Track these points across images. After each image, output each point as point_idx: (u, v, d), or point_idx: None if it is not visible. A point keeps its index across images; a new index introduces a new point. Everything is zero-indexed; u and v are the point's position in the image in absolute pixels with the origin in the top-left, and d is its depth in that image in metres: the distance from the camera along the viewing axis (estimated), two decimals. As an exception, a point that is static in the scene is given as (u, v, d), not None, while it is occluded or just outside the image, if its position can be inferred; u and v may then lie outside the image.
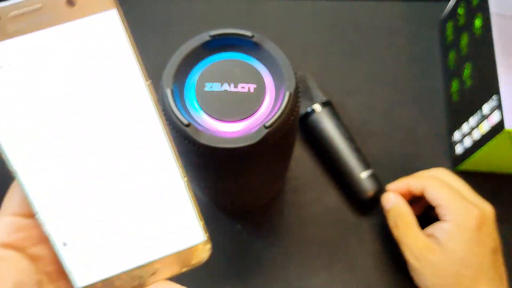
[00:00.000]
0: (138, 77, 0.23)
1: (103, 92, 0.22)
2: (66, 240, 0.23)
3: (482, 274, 0.35)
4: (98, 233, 0.23)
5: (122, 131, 0.23)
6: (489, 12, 0.41)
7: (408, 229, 0.38)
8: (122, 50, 0.22)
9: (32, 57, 0.21)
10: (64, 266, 0.23)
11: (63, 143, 0.22)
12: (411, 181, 0.40)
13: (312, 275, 0.43)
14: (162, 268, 0.24)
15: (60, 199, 0.23)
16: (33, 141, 0.22)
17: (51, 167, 0.22)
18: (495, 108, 0.39)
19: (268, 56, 0.30)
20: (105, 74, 0.22)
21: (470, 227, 0.36)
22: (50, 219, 0.23)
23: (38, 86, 0.22)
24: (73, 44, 0.21)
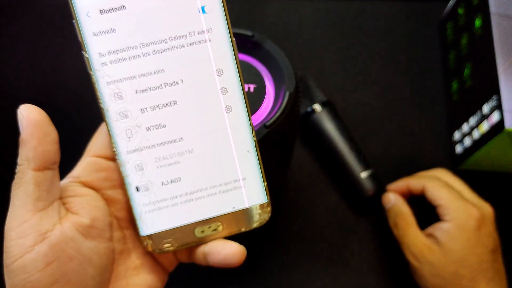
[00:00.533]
0: (224, 32, 0.24)
1: (193, 43, 0.24)
2: (139, 185, 0.24)
3: (481, 274, 0.35)
4: (169, 184, 0.25)
5: (206, 88, 0.24)
6: (489, 12, 0.41)
7: (407, 229, 0.38)
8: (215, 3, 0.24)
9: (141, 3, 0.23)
10: (133, 210, 0.25)
11: (152, 95, 0.24)
12: (411, 181, 0.41)
13: (312, 275, 0.43)
14: (224, 225, 0.25)
15: (141, 144, 0.24)
16: (128, 84, 0.24)
17: (139, 114, 0.24)
18: (495, 108, 0.39)
19: (268, 56, 0.30)
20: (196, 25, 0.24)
21: (469, 227, 0.36)
22: (128, 162, 0.24)
23: (141, 32, 0.23)
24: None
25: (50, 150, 0.22)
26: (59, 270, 0.22)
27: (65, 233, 0.23)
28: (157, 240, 0.25)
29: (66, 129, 0.23)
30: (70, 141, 0.29)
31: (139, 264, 0.26)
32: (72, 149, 0.27)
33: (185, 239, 0.25)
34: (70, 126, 0.46)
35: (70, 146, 0.27)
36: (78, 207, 0.24)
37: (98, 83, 0.23)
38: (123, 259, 0.26)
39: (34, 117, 0.22)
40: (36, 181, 0.22)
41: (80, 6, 0.23)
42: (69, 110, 0.48)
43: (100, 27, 0.23)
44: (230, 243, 0.25)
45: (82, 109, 0.48)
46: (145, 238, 0.25)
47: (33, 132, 0.22)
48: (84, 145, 0.26)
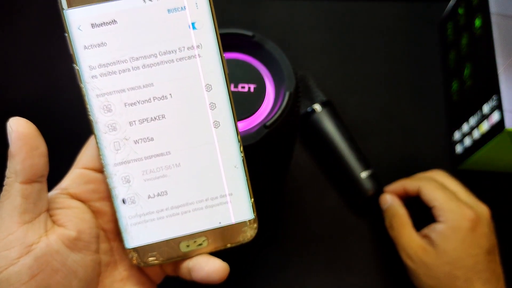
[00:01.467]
0: (214, 48, 0.24)
1: (182, 58, 0.24)
2: (125, 197, 0.25)
3: (476, 275, 0.35)
4: (155, 197, 0.25)
5: (194, 103, 0.24)
6: (489, 12, 0.41)
7: (402, 230, 0.39)
8: (205, 20, 0.24)
9: (132, 18, 0.24)
10: (119, 222, 0.25)
11: (141, 108, 0.24)
12: (407, 182, 0.41)
13: (312, 275, 0.43)
14: (209, 240, 0.25)
15: (129, 157, 0.24)
16: (118, 97, 0.24)
17: (128, 126, 0.24)
18: (495, 108, 0.39)
19: (268, 56, 0.30)
20: (186, 41, 0.24)
21: (463, 229, 0.36)
22: (115, 174, 0.25)
23: (132, 46, 0.24)
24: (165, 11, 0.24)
25: (38, 164, 0.23)
26: (44, 282, 0.22)
27: (50, 246, 0.23)
28: (142, 253, 0.25)
29: (57, 139, 0.24)
30: (60, 151, 0.29)
31: (126, 276, 0.26)
32: (62, 160, 0.28)
33: (170, 253, 0.25)
34: (61, 135, 0.46)
35: (60, 156, 0.28)
36: (65, 219, 0.24)
37: (88, 95, 0.24)
38: (109, 271, 0.26)
39: (23, 130, 0.22)
40: (23, 193, 0.22)
41: (72, 20, 0.23)
42: (60, 120, 0.48)
43: (91, 40, 0.23)
44: (213, 259, 0.25)
45: (74, 119, 0.48)
46: (130, 251, 0.25)
47: (21, 146, 0.22)
48: (74, 156, 0.26)
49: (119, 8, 0.23)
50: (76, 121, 0.47)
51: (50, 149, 0.23)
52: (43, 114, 0.47)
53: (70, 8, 0.23)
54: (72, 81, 0.49)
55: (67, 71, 0.49)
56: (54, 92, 0.48)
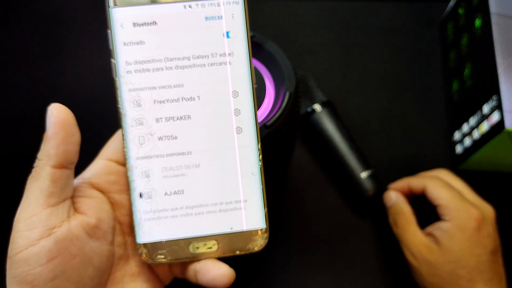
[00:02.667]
0: (244, 58, 0.26)
1: (213, 63, 0.25)
2: (143, 191, 0.25)
3: (479, 275, 0.35)
4: (171, 195, 0.25)
5: (220, 107, 0.25)
6: (489, 12, 0.41)
7: (407, 227, 0.38)
8: (240, 30, 0.25)
9: (171, 22, 0.25)
10: (134, 216, 0.25)
11: (169, 107, 0.25)
12: (412, 180, 0.41)
13: (312, 275, 0.43)
14: (219, 245, 0.25)
15: (151, 152, 0.25)
16: (148, 94, 0.25)
17: (154, 123, 0.25)
18: (495, 108, 0.39)
19: (268, 56, 0.30)
20: (219, 48, 0.25)
21: (469, 228, 0.36)
22: (136, 168, 0.25)
23: (168, 47, 0.25)
24: (203, 18, 0.25)
25: (71, 150, 0.23)
26: (61, 266, 0.23)
27: (71, 231, 0.23)
28: (151, 249, 0.25)
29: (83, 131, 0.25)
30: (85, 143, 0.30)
31: (137, 272, 0.26)
32: (86, 152, 0.28)
33: (179, 253, 0.25)
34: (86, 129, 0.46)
35: (85, 148, 0.28)
36: (86, 207, 0.25)
37: (120, 89, 0.25)
38: (121, 265, 0.26)
39: (63, 116, 0.23)
40: (52, 177, 0.23)
41: (116, 18, 0.25)
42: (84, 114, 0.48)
43: (131, 38, 0.25)
44: (220, 264, 0.25)
45: (98, 114, 0.48)
46: (140, 246, 0.25)
47: (59, 131, 0.23)
48: (97, 149, 0.27)
49: (160, 11, 0.25)
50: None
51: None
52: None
53: (116, 6, 0.25)
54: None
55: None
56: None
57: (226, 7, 0.25)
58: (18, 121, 0.47)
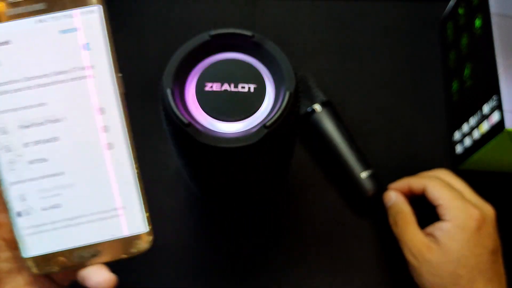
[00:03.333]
0: (107, 69, 0.25)
1: (74, 78, 0.25)
2: (20, 210, 0.25)
3: (479, 275, 0.35)
4: (48, 209, 0.26)
5: (87, 125, 0.25)
6: (489, 12, 0.41)
7: (407, 227, 0.38)
8: (99, 41, 0.25)
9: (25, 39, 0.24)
10: (15, 233, 0.26)
11: (32, 130, 0.25)
12: (412, 180, 0.41)
13: (312, 275, 0.43)
14: (103, 251, 0.26)
15: (24, 176, 0.25)
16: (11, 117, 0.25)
17: (23, 148, 0.25)
18: (495, 108, 0.39)
19: (268, 56, 0.30)
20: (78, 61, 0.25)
21: (469, 228, 0.36)
22: (10, 189, 0.25)
23: (25, 66, 0.24)
24: (57, 32, 0.25)
25: None
26: None
27: None
28: (38, 262, 0.26)
29: None
30: None
31: (30, 281, 0.27)
32: None
33: (65, 262, 0.26)
34: None
35: None
36: None
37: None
38: (12, 277, 0.26)
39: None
40: None
41: None
42: None
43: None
44: (102, 271, 0.26)
45: None
46: (26, 260, 0.26)
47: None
48: None
49: (12, 29, 0.24)
50: None
51: None
52: None
53: None
54: None
55: None
56: None
57: (81, 18, 0.24)
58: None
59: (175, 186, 0.44)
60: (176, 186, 0.44)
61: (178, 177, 0.44)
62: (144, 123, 0.27)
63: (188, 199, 0.45)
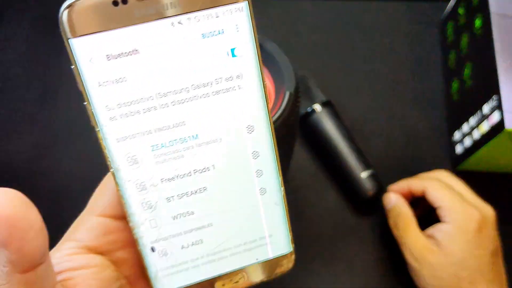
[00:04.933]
0: (256, 77, 0.21)
1: (219, 91, 0.20)
2: (155, 246, 0.22)
3: (481, 277, 0.35)
4: (188, 240, 0.22)
5: (228, 136, 0.21)
6: (489, 12, 0.41)
7: (407, 230, 0.38)
8: (247, 45, 0.20)
9: (157, 47, 0.19)
10: (148, 272, 0.22)
11: (169, 147, 0.20)
12: (412, 182, 0.40)
13: (312, 275, 0.43)
14: (246, 276, 0.23)
15: (157, 203, 0.21)
16: (142, 141, 0.20)
17: (154, 171, 0.21)
18: (495, 108, 0.39)
19: (268, 56, 0.30)
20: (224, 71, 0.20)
21: (470, 229, 0.36)
22: (143, 223, 0.21)
23: (158, 80, 0.20)
24: (199, 36, 0.19)
25: (37, 245, 0.18)
26: None
27: None
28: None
29: None
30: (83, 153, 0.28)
31: None
32: None
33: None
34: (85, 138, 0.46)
35: None
36: (84, 284, 0.21)
37: (106, 140, 0.20)
38: None
39: (9, 211, 0.17)
40: (27, 283, 0.18)
41: (81, 51, 0.18)
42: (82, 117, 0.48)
43: (106, 76, 0.19)
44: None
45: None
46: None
47: (11, 233, 0.17)
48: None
49: (141, 35, 0.19)
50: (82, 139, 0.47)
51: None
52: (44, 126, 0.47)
53: (78, 36, 0.18)
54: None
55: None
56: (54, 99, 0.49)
57: (227, 18, 0.20)
58: (17, 121, 0.47)
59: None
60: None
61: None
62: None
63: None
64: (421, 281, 0.37)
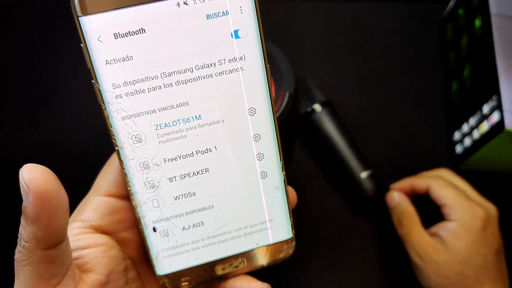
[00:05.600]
0: (259, 59, 0.21)
1: (222, 72, 0.21)
2: (157, 226, 0.22)
3: (485, 275, 0.35)
4: (188, 222, 0.22)
5: (230, 118, 0.21)
6: (489, 12, 0.41)
7: (411, 228, 0.38)
8: (251, 27, 0.21)
9: (163, 27, 0.20)
10: (150, 252, 0.23)
11: (173, 127, 0.21)
12: (415, 180, 0.40)
13: (312, 275, 0.43)
14: (245, 261, 0.24)
15: (160, 183, 0.22)
16: (146, 120, 0.21)
17: (157, 150, 0.21)
18: (495, 108, 0.39)
19: (268, 56, 0.30)
20: (227, 52, 0.21)
21: (475, 227, 0.36)
22: (145, 202, 0.22)
23: (163, 59, 0.20)
24: (203, 17, 0.20)
25: (63, 224, 0.19)
26: None
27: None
28: (174, 278, 0.23)
29: None
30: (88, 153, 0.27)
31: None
32: None
33: (204, 276, 0.23)
34: (88, 133, 0.46)
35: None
36: (93, 262, 0.22)
37: (111, 118, 0.20)
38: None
39: (44, 188, 0.17)
40: (48, 259, 0.19)
41: (90, 29, 0.19)
42: (86, 116, 0.48)
43: (114, 54, 0.19)
44: (253, 283, 0.23)
45: (99, 117, 0.48)
46: (161, 277, 0.23)
47: (43, 208, 0.18)
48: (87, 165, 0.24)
49: (148, 14, 0.19)
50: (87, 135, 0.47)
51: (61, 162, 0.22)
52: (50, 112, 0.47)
53: (87, 15, 0.19)
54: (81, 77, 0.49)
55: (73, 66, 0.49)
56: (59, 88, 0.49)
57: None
58: (18, 121, 0.47)
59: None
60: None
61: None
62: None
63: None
64: (426, 279, 0.37)
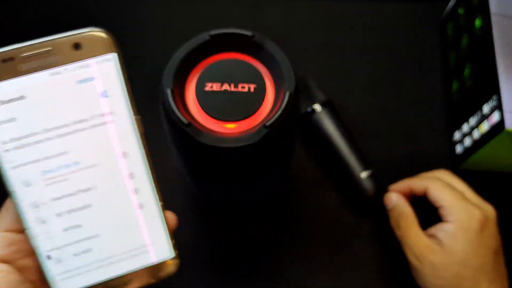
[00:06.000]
0: (126, 112, 0.25)
1: (95, 125, 0.25)
2: (50, 254, 0.26)
3: (483, 276, 0.35)
4: (78, 249, 0.26)
5: (106, 161, 0.26)
6: (489, 12, 0.41)
7: (409, 229, 0.38)
8: (116, 87, 0.25)
9: (41, 92, 0.24)
10: (46, 277, 0.26)
11: (56, 172, 0.25)
12: (413, 181, 0.40)
13: (312, 275, 0.43)
14: (134, 279, 0.27)
15: (49, 218, 0.26)
16: (32, 168, 0.25)
17: (44, 192, 0.25)
18: (495, 108, 0.39)
19: (268, 56, 0.30)
20: (97, 109, 0.25)
21: (472, 229, 0.36)
22: (38, 235, 0.26)
23: (43, 118, 0.24)
24: (74, 82, 0.25)
25: None
26: None
27: None
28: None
29: None
30: None
31: None
32: None
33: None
34: None
35: None
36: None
37: (3, 168, 0.24)
38: None
39: None
40: None
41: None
42: None
43: (0, 117, 0.24)
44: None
45: None
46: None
47: None
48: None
49: (25, 84, 0.24)
50: None
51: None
52: None
53: None
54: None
55: None
56: None
57: (97, 67, 0.25)
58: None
59: (175, 186, 0.44)
60: (176, 186, 0.44)
61: (178, 177, 0.44)
62: (144, 123, 0.26)
63: (188, 199, 0.45)
64: (423, 280, 0.37)
